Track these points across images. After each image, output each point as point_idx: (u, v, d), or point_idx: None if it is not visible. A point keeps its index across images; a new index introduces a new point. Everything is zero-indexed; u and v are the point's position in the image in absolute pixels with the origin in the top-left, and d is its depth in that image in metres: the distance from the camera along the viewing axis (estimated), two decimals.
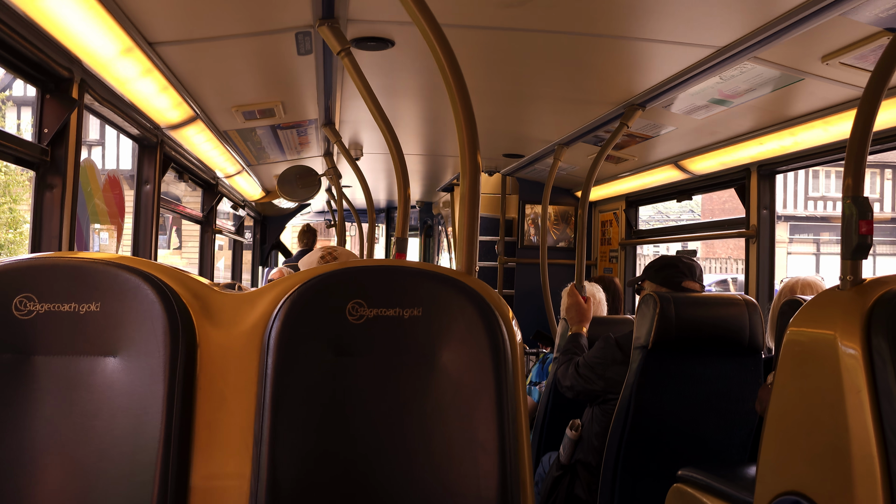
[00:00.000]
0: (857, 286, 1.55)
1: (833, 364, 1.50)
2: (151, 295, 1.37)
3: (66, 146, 2.41)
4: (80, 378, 1.35)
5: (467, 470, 1.36)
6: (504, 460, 1.36)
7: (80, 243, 2.88)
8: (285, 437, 1.35)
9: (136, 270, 1.40)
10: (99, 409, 1.34)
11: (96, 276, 1.38)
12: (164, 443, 1.32)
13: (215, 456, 1.37)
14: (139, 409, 1.34)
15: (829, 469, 1.50)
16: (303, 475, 1.34)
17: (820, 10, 2.10)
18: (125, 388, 1.35)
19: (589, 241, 6.00)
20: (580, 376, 2.89)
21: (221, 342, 1.42)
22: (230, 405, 1.39)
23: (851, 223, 1.57)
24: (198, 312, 1.42)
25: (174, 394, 1.34)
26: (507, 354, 1.40)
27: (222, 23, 2.42)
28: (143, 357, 1.35)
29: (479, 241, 1.71)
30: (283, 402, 1.36)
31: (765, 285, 3.81)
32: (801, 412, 1.60)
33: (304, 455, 1.35)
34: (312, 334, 1.39)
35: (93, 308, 1.36)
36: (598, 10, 2.31)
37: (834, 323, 1.52)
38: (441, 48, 1.72)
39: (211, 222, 5.27)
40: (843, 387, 1.47)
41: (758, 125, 3.41)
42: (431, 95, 3.48)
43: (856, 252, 1.57)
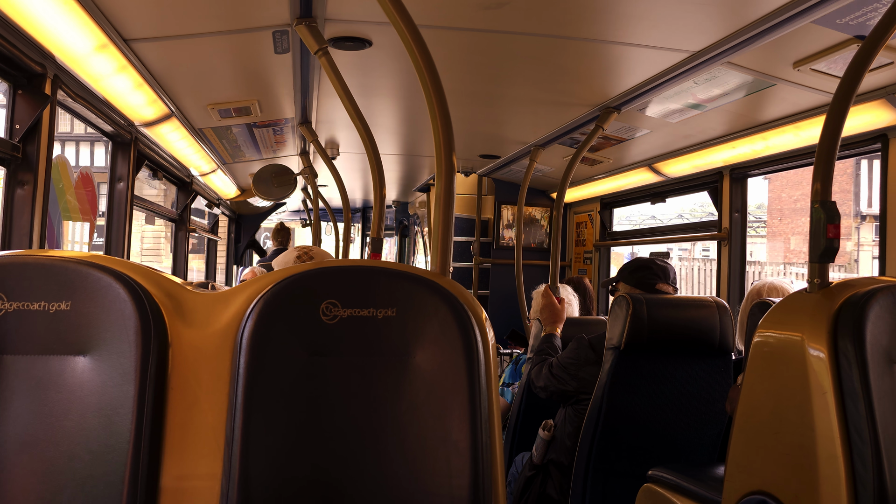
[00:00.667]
0: (825, 289, 1.58)
1: (800, 365, 1.52)
2: (123, 294, 1.36)
3: (38, 142, 2.38)
4: (50, 377, 1.34)
5: (440, 469, 1.37)
6: (476, 460, 1.37)
7: (52, 240, 2.84)
8: (257, 437, 1.35)
9: (107, 269, 1.39)
10: (69, 409, 1.33)
11: (67, 275, 1.37)
12: (134, 443, 1.31)
13: (187, 456, 1.36)
14: (110, 409, 1.33)
15: (795, 469, 1.52)
16: (275, 475, 1.34)
17: (792, 18, 2.13)
18: (96, 387, 1.33)
19: (564, 243, 6.04)
20: (553, 377, 2.91)
21: (194, 342, 1.41)
22: (202, 405, 1.39)
23: (820, 227, 1.60)
24: (170, 312, 1.42)
25: (145, 394, 1.33)
26: (479, 355, 1.41)
27: (198, 20, 2.40)
28: (114, 357, 1.34)
29: (454, 241, 1.72)
30: (256, 403, 1.36)
31: (735, 287, 3.86)
32: (768, 413, 1.62)
33: (276, 455, 1.35)
34: (286, 334, 1.39)
35: (63, 307, 1.35)
36: (575, 13, 2.33)
37: (801, 325, 1.55)
38: (418, 49, 1.72)
39: (185, 221, 5.23)
40: (809, 388, 1.50)
41: (731, 129, 3.45)
42: (408, 96, 3.48)
43: (823, 255, 1.60)
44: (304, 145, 4.72)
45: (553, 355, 3.11)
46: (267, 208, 7.87)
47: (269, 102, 3.56)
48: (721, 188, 3.93)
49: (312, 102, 3.58)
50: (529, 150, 4.40)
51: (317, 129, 4.20)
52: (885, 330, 1.49)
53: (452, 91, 3.27)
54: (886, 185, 2.80)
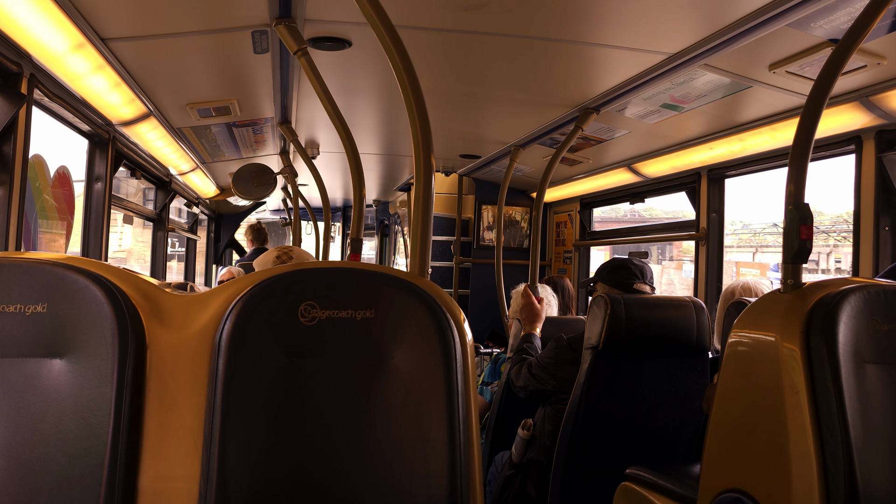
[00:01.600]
0: (798, 289, 1.61)
1: (774, 364, 1.55)
2: (100, 296, 1.36)
3: (13, 142, 2.36)
4: (26, 380, 1.33)
5: (418, 470, 1.37)
6: (454, 460, 1.38)
7: (28, 241, 2.81)
8: (235, 438, 1.35)
9: (84, 271, 1.38)
10: (45, 412, 1.32)
11: (43, 277, 1.36)
12: (111, 445, 1.31)
13: (165, 458, 1.36)
14: (87, 411, 1.32)
15: (768, 466, 1.55)
16: (253, 477, 1.34)
17: (768, 21, 2.16)
18: (73, 390, 1.33)
19: (544, 242, 6.06)
20: (533, 376, 2.93)
21: (172, 344, 1.41)
22: (180, 407, 1.39)
23: (793, 229, 1.62)
24: (147, 314, 1.41)
25: (123, 396, 1.33)
26: (457, 356, 1.42)
27: (177, 19, 2.39)
28: (91, 359, 1.34)
29: (434, 241, 1.72)
30: (234, 404, 1.36)
31: (713, 287, 3.90)
32: (743, 411, 1.64)
33: (254, 457, 1.35)
34: (264, 336, 1.39)
35: (40, 309, 1.34)
36: (554, 14, 2.34)
37: (775, 325, 1.57)
38: (396, 50, 1.72)
39: (164, 220, 5.20)
40: (782, 387, 1.52)
41: (708, 130, 3.48)
42: (388, 96, 3.49)
43: (796, 256, 1.63)
44: (283, 145, 4.71)
45: (532, 355, 3.13)
46: (247, 207, 7.83)
47: (249, 102, 3.54)
48: (699, 189, 3.97)
49: (292, 102, 3.57)
50: (509, 151, 4.42)
51: (297, 128, 4.19)
52: (856, 330, 1.51)
53: (433, 91, 3.30)
54: (860, 187, 2.84)
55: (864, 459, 1.44)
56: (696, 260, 4.03)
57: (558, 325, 3.47)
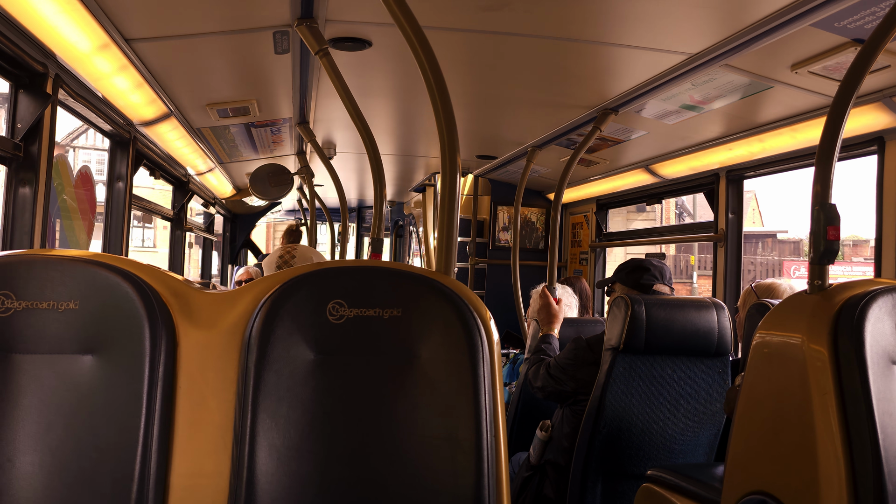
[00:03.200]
0: (824, 291, 1.60)
1: (801, 366, 1.54)
2: (131, 293, 1.37)
3: (39, 142, 2.38)
4: (58, 376, 1.34)
5: (445, 467, 1.38)
6: (481, 459, 1.38)
7: (50, 239, 2.84)
8: (264, 435, 1.36)
9: (115, 268, 1.39)
10: (78, 408, 1.33)
11: (75, 274, 1.38)
12: (143, 441, 1.32)
13: (195, 454, 1.37)
14: (118, 407, 1.33)
15: (795, 469, 1.54)
16: (281, 473, 1.35)
17: (790, 21, 2.15)
18: (104, 386, 1.34)
19: (560, 243, 6.05)
20: (551, 377, 2.92)
21: (202, 341, 1.42)
22: (210, 404, 1.40)
23: (820, 229, 1.62)
24: (177, 311, 1.42)
25: (154, 392, 1.34)
26: (484, 354, 1.42)
27: (200, 20, 2.41)
28: (123, 355, 1.35)
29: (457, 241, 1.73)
30: (263, 401, 1.37)
31: (732, 288, 3.88)
32: (768, 413, 1.64)
33: (283, 453, 1.36)
34: (293, 334, 1.40)
35: (72, 306, 1.36)
36: (575, 15, 2.34)
37: (802, 326, 1.57)
38: (422, 50, 1.73)
39: (182, 220, 5.23)
40: (810, 388, 1.51)
41: (727, 131, 3.47)
42: (406, 96, 3.49)
43: (823, 257, 1.62)
44: (301, 145, 4.73)
45: (550, 356, 3.12)
46: (262, 208, 7.86)
47: (268, 102, 3.56)
48: (717, 190, 3.95)
49: (311, 102, 3.58)
50: (526, 151, 4.41)
51: (314, 129, 4.20)
52: (884, 331, 1.50)
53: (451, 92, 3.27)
54: (883, 188, 2.82)
55: (893, 462, 1.42)
56: (714, 261, 4.01)
57: (577, 326, 3.46)
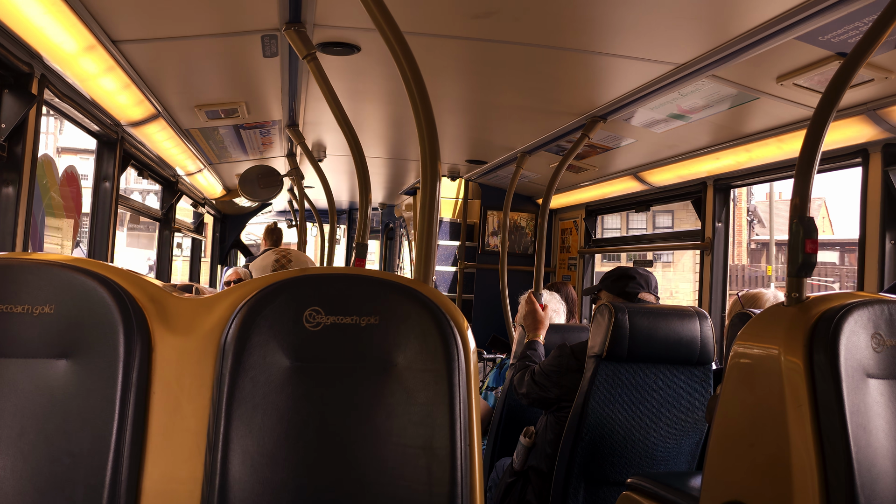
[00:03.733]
0: (802, 303, 1.61)
1: (777, 378, 1.55)
2: (107, 298, 1.36)
3: (23, 142, 2.38)
4: (32, 380, 1.34)
5: (420, 477, 1.38)
6: (455, 468, 1.38)
7: (34, 239, 2.83)
8: (238, 441, 1.35)
9: (91, 273, 1.39)
10: (51, 412, 1.33)
11: (51, 278, 1.37)
12: (115, 446, 1.32)
13: (168, 460, 1.37)
14: (92, 412, 1.33)
15: (770, 479, 1.55)
16: (255, 480, 1.35)
17: (775, 33, 2.16)
18: (78, 391, 1.34)
19: (549, 249, 6.06)
20: (536, 384, 2.93)
21: (177, 346, 1.42)
22: (184, 409, 1.39)
23: (798, 242, 1.63)
24: (153, 316, 1.42)
25: (128, 398, 1.34)
26: (460, 364, 1.42)
27: (187, 22, 2.41)
28: (97, 360, 1.35)
29: (439, 245, 1.73)
30: (238, 408, 1.37)
31: (718, 297, 3.90)
32: (745, 424, 1.64)
33: (257, 460, 1.36)
34: (269, 340, 1.40)
35: (47, 310, 1.35)
36: (564, 23, 2.35)
37: (778, 338, 1.58)
38: (404, 56, 1.73)
39: (170, 220, 5.22)
40: (785, 400, 1.52)
41: (715, 140, 3.49)
42: (396, 100, 3.50)
43: (801, 269, 1.63)
44: (290, 147, 4.72)
45: (536, 362, 3.13)
46: (253, 208, 7.84)
47: (257, 104, 3.56)
48: (705, 198, 3.97)
49: (300, 105, 3.58)
50: (516, 157, 4.42)
51: (304, 131, 4.20)
52: (859, 344, 1.51)
53: (441, 97, 3.30)
54: (866, 201, 2.84)
55: (866, 474, 1.43)
56: (700, 269, 4.03)
57: (562, 333, 3.46)
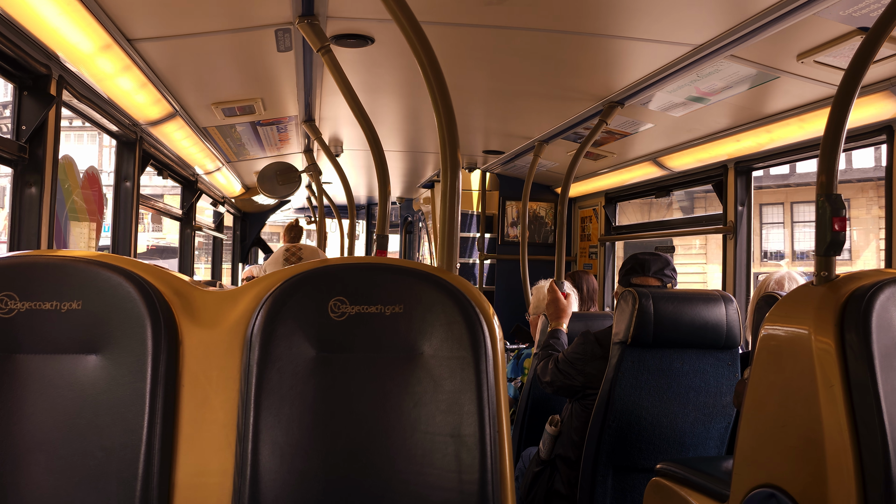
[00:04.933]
0: (831, 282, 1.58)
1: (807, 358, 1.53)
2: (133, 293, 1.37)
3: (44, 143, 2.39)
4: (62, 376, 1.35)
5: (449, 465, 1.37)
6: (485, 455, 1.38)
7: (59, 240, 2.86)
8: (268, 433, 1.36)
9: (117, 268, 1.40)
10: (82, 407, 1.34)
11: (77, 274, 1.38)
12: (147, 440, 1.33)
13: (199, 452, 1.38)
14: (122, 406, 1.34)
15: (803, 462, 1.53)
16: (285, 471, 1.35)
17: (794, 10, 2.13)
18: (108, 385, 1.35)
19: (569, 237, 6.04)
20: (560, 372, 2.91)
21: (204, 340, 1.43)
22: (213, 402, 1.40)
23: (825, 220, 1.60)
24: (180, 310, 1.43)
25: (157, 391, 1.35)
26: (487, 350, 1.42)
27: (201, 19, 2.41)
28: (125, 355, 1.35)
29: (459, 237, 1.73)
30: (266, 399, 1.37)
31: (742, 281, 3.86)
32: (776, 406, 1.62)
33: (286, 451, 1.36)
34: (294, 331, 1.40)
35: (74, 306, 1.36)
36: (578, 8, 2.33)
37: (808, 318, 1.55)
38: (421, 46, 1.72)
39: (191, 219, 5.25)
40: (816, 381, 1.50)
41: (735, 122, 3.45)
42: (412, 92, 3.49)
43: (829, 248, 1.60)
44: (308, 143, 4.73)
45: (559, 350, 3.12)
46: (272, 206, 7.87)
47: (273, 100, 3.56)
48: (726, 182, 3.93)
49: (316, 100, 3.58)
50: (533, 146, 4.40)
51: (320, 126, 4.20)
52: (891, 322, 1.49)
53: (456, 87, 3.28)
54: (892, 177, 2.79)
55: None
56: (723, 254, 3.99)
57: (585, 321, 3.45)
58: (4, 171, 6.37)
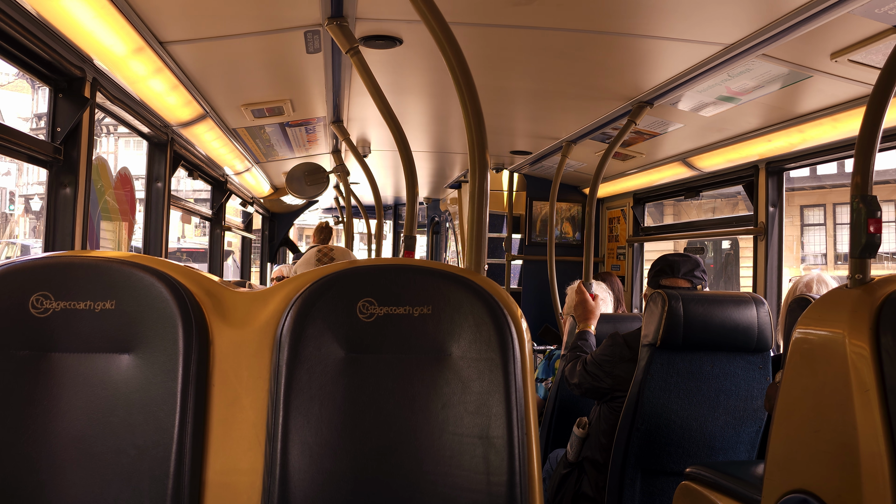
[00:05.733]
0: (865, 285, 1.56)
1: (841, 362, 1.50)
2: (165, 293, 1.39)
3: (78, 144, 2.43)
4: (96, 374, 1.37)
5: (477, 466, 1.37)
6: (513, 457, 1.37)
7: (93, 241, 2.90)
8: (297, 432, 1.37)
9: (149, 269, 1.42)
10: (115, 405, 1.36)
11: (111, 275, 1.40)
12: (178, 438, 1.34)
13: (229, 451, 1.39)
14: (154, 405, 1.36)
15: (836, 467, 1.50)
16: (314, 470, 1.36)
17: (829, 8, 2.09)
18: (140, 384, 1.36)
19: (597, 238, 6.00)
20: (588, 374, 2.90)
21: (234, 339, 1.44)
22: (243, 401, 1.41)
23: (860, 222, 1.57)
24: (210, 310, 1.44)
25: (188, 390, 1.36)
26: (516, 352, 1.41)
27: (232, 22, 2.43)
28: (157, 354, 1.37)
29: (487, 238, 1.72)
30: (295, 399, 1.38)
31: (773, 283, 3.81)
32: (809, 410, 1.60)
33: (315, 450, 1.37)
34: (323, 332, 1.41)
35: (108, 306, 1.38)
36: (607, 7, 2.32)
37: (842, 321, 1.53)
38: (449, 47, 1.72)
39: (221, 219, 5.30)
40: (851, 385, 1.47)
41: (766, 122, 3.40)
42: (439, 93, 3.49)
43: (864, 251, 1.58)
44: (335, 143, 4.76)
45: (587, 352, 3.10)
46: (300, 206, 7.92)
47: (302, 102, 3.59)
48: (757, 182, 3.88)
49: (344, 101, 3.60)
50: (561, 146, 4.38)
51: (348, 127, 4.22)
52: None
53: (483, 87, 3.26)
54: None
55: None
56: (754, 256, 3.94)
57: (613, 323, 3.43)
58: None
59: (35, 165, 2.43)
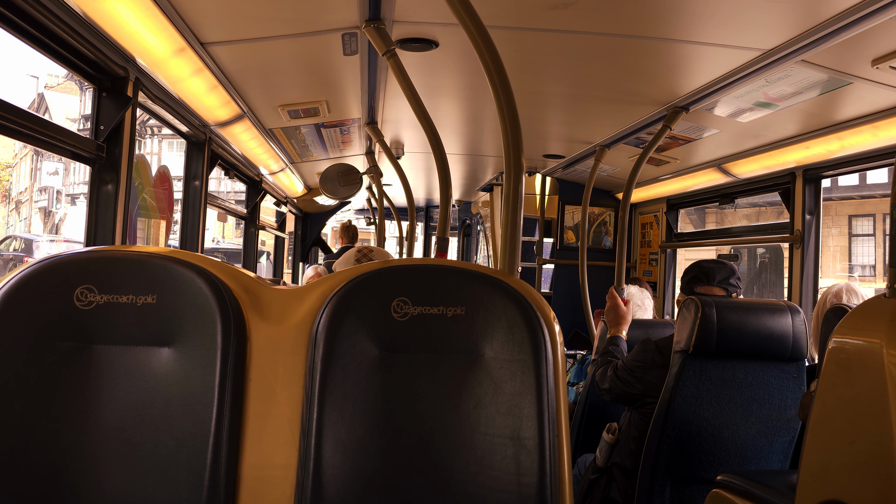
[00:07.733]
0: None
1: (878, 372, 1.48)
2: (205, 289, 1.42)
3: (120, 142, 2.48)
4: (136, 367, 1.40)
5: (508, 467, 1.38)
6: (544, 459, 1.38)
7: (131, 236, 2.96)
8: (331, 428, 1.39)
9: (189, 265, 1.45)
10: (154, 398, 1.39)
11: (153, 270, 1.43)
12: (215, 431, 1.37)
13: (264, 446, 1.41)
14: (193, 398, 1.38)
15: (871, 478, 1.48)
16: (348, 466, 1.38)
17: (871, 14, 2.07)
18: (179, 377, 1.39)
19: (629, 243, 5.96)
20: (619, 379, 2.89)
21: (271, 336, 1.46)
22: (278, 397, 1.43)
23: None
24: (248, 306, 1.47)
25: (226, 384, 1.39)
26: (548, 354, 1.42)
27: (271, 24, 2.47)
28: (196, 348, 1.40)
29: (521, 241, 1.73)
30: (329, 396, 1.40)
31: (808, 291, 3.76)
32: (844, 420, 1.58)
33: (348, 447, 1.39)
34: (358, 330, 1.43)
35: (149, 300, 1.41)
36: (643, 12, 2.31)
37: (880, 331, 1.51)
38: (486, 49, 1.73)
39: (255, 218, 5.36)
40: (888, 395, 1.45)
41: (804, 129, 3.36)
42: (473, 96, 3.50)
43: None
44: (369, 145, 4.79)
45: (618, 357, 3.09)
46: (332, 206, 7.99)
47: (337, 103, 3.62)
48: (794, 190, 3.83)
49: (379, 103, 3.63)
50: (595, 151, 4.37)
51: (382, 129, 4.25)
52: None
53: (518, 91, 3.27)
54: None
55: None
56: (790, 263, 3.90)
57: (645, 328, 3.41)
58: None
59: (79, 162, 2.48)
